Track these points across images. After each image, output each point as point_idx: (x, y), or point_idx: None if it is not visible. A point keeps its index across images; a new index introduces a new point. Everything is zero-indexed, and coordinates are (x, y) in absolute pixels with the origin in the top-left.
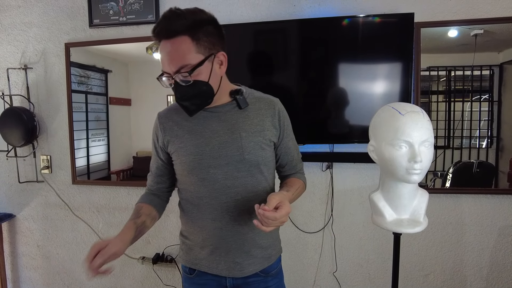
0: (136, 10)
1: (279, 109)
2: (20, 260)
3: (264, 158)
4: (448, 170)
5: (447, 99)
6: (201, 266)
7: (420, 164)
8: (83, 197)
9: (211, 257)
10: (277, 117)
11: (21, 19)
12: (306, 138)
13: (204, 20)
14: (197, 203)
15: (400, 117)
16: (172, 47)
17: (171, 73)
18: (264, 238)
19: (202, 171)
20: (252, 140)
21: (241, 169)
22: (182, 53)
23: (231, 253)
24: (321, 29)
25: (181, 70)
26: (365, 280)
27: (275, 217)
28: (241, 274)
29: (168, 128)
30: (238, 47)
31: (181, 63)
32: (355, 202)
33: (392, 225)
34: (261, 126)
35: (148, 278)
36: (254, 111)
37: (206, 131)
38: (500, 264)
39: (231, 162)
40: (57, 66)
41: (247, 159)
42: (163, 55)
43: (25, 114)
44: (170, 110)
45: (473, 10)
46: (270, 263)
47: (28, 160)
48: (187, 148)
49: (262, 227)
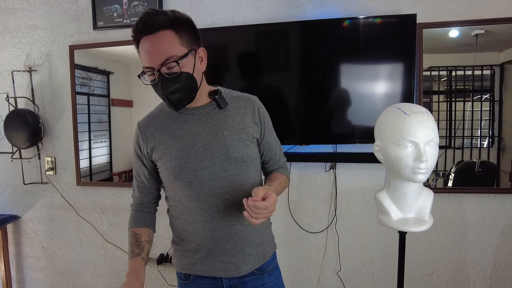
0: (140, 12)
1: (258, 106)
2: (25, 261)
3: (249, 155)
4: (450, 170)
5: (448, 99)
6: (196, 270)
7: (426, 163)
8: (87, 198)
9: (206, 260)
10: (257, 114)
11: (26, 22)
12: (310, 138)
13: (184, 19)
14: (187, 207)
15: (406, 118)
16: (156, 40)
17: (155, 66)
18: (257, 236)
19: (189, 174)
20: (235, 138)
21: (227, 168)
22: (168, 45)
23: (226, 254)
24: (324, 31)
25: (167, 62)
26: (368, 279)
27: (266, 205)
28: (237, 273)
29: (150, 136)
30: (241, 49)
31: (166, 55)
32: (358, 202)
33: (397, 224)
34: (243, 124)
35: (152, 279)
36: (234, 110)
37: (189, 134)
38: (503, 263)
39: (217, 162)
40: (62, 68)
41: (232, 157)
42: (145, 50)
43: (30, 116)
44: (150, 117)
45: (475, 11)
46: (265, 260)
47: (33, 161)
48: (172, 153)
49: (252, 219)
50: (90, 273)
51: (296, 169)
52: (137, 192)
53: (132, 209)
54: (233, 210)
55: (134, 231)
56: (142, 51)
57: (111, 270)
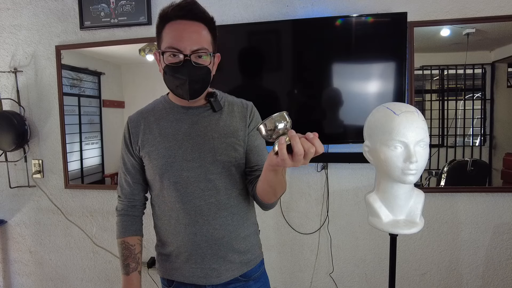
0: (128, 11)
1: (251, 109)
2: (12, 266)
3: (237, 160)
4: (443, 169)
5: (440, 98)
6: (177, 276)
7: (416, 164)
8: (76, 201)
9: (187, 265)
10: (249, 117)
11: (10, 21)
12: None
13: (215, 24)
14: (170, 208)
15: (395, 117)
16: (195, 28)
17: (186, 51)
18: (241, 243)
19: (175, 174)
20: (224, 142)
21: (213, 171)
22: (204, 37)
23: (207, 259)
24: (314, 29)
25: (200, 51)
26: (361, 280)
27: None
28: (218, 280)
29: (140, 132)
30: (231, 48)
31: (201, 45)
32: (350, 203)
33: (388, 226)
34: (234, 127)
35: (143, 282)
36: (227, 114)
37: (179, 134)
38: (495, 261)
39: (203, 164)
40: (48, 69)
41: (219, 160)
42: (179, 32)
43: (16, 118)
44: (141, 113)
45: (465, 9)
46: (249, 268)
47: (19, 164)
48: (159, 151)
49: (293, 159)
50: (80, 278)
51: (287, 169)
52: (127, 189)
53: (120, 214)
54: (216, 214)
55: (127, 242)
56: (174, 32)
57: (101, 274)
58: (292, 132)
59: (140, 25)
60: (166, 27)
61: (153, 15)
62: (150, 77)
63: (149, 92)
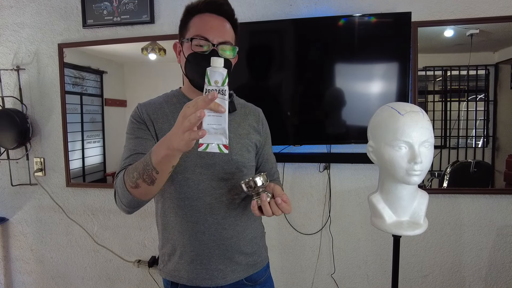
0: (131, 10)
1: (262, 117)
2: (13, 264)
3: (250, 161)
4: (446, 170)
5: (443, 99)
6: (180, 278)
7: (420, 165)
8: (77, 200)
9: (191, 266)
10: (261, 124)
11: (13, 19)
12: (303, 138)
13: (238, 28)
14: (177, 205)
15: (400, 117)
16: (224, 22)
17: (214, 41)
18: (248, 245)
19: (188, 169)
20: (239, 142)
21: (227, 170)
22: (231, 33)
23: (213, 260)
24: (317, 29)
25: (227, 42)
26: (363, 281)
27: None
28: (223, 282)
29: (157, 119)
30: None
31: (229, 39)
32: (353, 203)
33: (391, 227)
34: (247, 130)
35: (144, 282)
36: (240, 116)
37: None
38: (498, 264)
39: (218, 162)
40: (51, 67)
41: (234, 160)
42: (209, 22)
43: (18, 116)
44: (154, 103)
45: (469, 9)
46: (255, 271)
47: (21, 162)
48: None
49: (266, 212)
50: (80, 276)
51: (289, 170)
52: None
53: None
54: (226, 213)
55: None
56: (203, 22)
57: (101, 273)
58: (263, 197)
59: (143, 23)
60: (194, 18)
61: (156, 13)
62: (153, 76)
63: (152, 91)
